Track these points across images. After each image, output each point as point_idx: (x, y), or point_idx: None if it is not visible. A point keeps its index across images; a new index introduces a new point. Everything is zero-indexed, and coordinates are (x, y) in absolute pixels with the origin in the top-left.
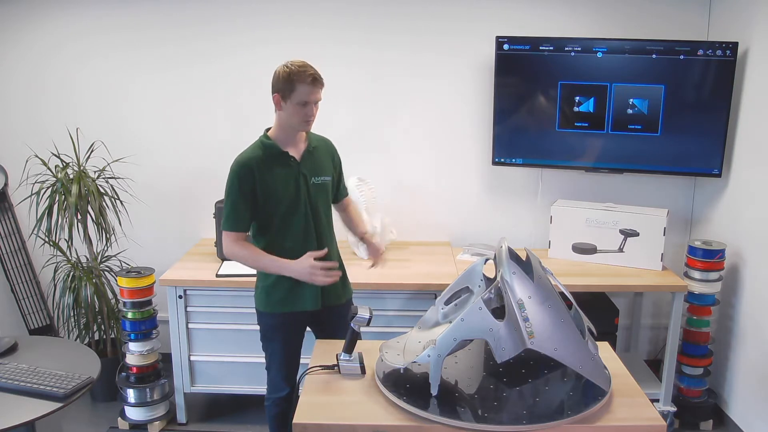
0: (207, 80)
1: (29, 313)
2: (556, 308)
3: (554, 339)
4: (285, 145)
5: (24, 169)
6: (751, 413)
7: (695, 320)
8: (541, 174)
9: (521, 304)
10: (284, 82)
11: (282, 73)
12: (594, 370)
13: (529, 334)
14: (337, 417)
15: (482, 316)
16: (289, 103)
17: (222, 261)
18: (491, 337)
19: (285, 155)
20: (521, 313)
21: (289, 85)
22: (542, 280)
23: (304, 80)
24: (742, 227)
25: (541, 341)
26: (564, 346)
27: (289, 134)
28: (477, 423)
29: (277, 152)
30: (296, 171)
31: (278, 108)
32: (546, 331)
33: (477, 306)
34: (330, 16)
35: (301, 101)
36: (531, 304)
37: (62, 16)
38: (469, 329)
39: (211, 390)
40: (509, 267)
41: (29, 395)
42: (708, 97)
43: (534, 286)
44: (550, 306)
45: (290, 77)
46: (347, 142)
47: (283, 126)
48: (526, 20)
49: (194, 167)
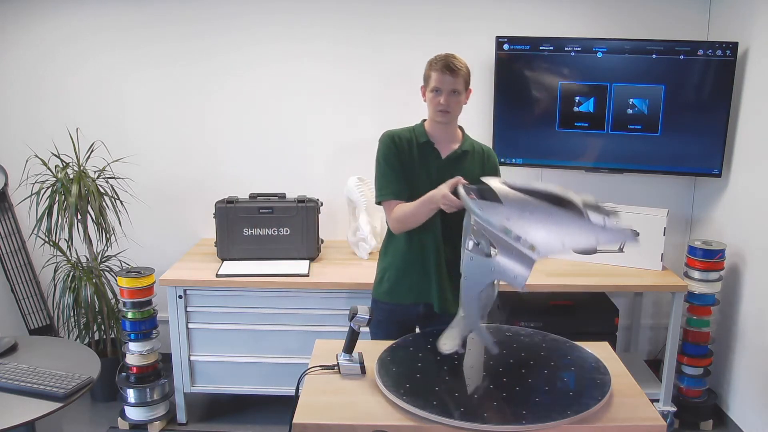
0: (207, 80)
1: (29, 313)
2: (537, 210)
3: (553, 237)
4: (433, 137)
5: (24, 169)
6: (751, 413)
7: (695, 320)
8: (541, 174)
9: (506, 229)
10: (425, 71)
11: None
12: (610, 237)
13: (531, 248)
14: (337, 417)
15: (477, 263)
16: (427, 92)
17: (222, 261)
18: (498, 275)
19: (430, 146)
20: (510, 237)
21: (426, 72)
22: (509, 196)
23: (435, 67)
24: (742, 227)
25: (544, 248)
26: (567, 235)
27: (437, 128)
28: (477, 423)
29: (423, 140)
30: (437, 167)
31: (423, 98)
32: (542, 236)
33: (468, 258)
34: (329, 15)
35: (434, 88)
36: (514, 224)
37: (62, 15)
38: (476, 281)
39: (211, 390)
40: (474, 205)
41: (29, 395)
42: (708, 97)
43: (506, 207)
44: (531, 212)
45: (427, 65)
46: (347, 142)
47: (429, 118)
48: (526, 20)
49: (194, 167)
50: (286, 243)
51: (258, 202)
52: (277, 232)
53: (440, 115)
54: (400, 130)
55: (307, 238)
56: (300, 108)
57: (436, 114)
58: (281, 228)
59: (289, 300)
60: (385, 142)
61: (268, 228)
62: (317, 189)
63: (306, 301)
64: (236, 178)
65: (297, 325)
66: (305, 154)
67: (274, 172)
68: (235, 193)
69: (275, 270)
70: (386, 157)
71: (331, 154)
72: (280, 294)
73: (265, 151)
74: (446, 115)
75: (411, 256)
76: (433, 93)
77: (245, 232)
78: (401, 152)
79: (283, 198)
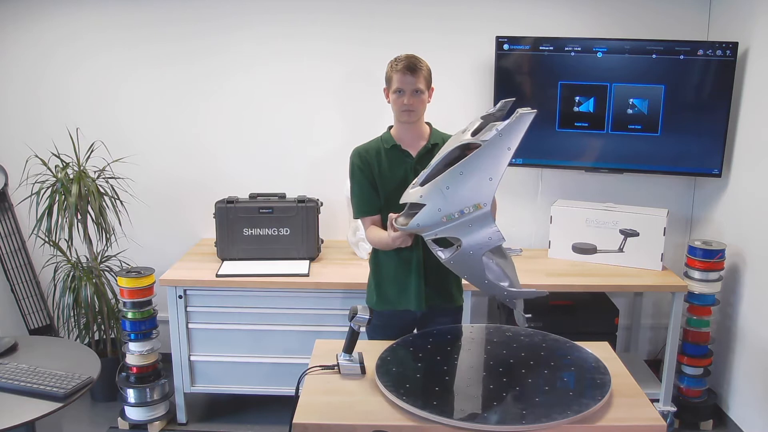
0: (208, 79)
1: (29, 313)
2: (448, 180)
3: (479, 183)
4: (401, 139)
5: (24, 169)
6: (751, 413)
7: (695, 320)
8: (541, 174)
9: (447, 216)
10: (386, 73)
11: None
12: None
13: (477, 208)
14: (337, 417)
15: (459, 260)
16: (390, 93)
17: (222, 261)
18: (479, 250)
19: (398, 149)
20: (456, 219)
21: (388, 74)
22: (423, 192)
23: (397, 68)
24: (742, 227)
25: (483, 195)
26: (486, 171)
27: (403, 129)
28: (477, 423)
29: (390, 145)
30: (410, 166)
31: (387, 100)
32: (471, 191)
33: (450, 263)
34: (330, 15)
35: (396, 89)
36: (447, 207)
37: (62, 15)
38: (474, 271)
39: (211, 390)
40: (411, 225)
41: (29, 395)
42: (708, 97)
43: (428, 203)
44: (447, 187)
45: (388, 67)
46: (347, 142)
47: (394, 119)
48: (526, 20)
49: (194, 167)
50: (286, 243)
51: (258, 202)
52: (277, 232)
53: (405, 115)
54: (368, 143)
55: (307, 238)
56: (300, 108)
57: (401, 114)
58: (281, 228)
59: (289, 300)
60: (352, 161)
61: (268, 228)
62: (317, 189)
63: (306, 301)
64: (236, 178)
65: (297, 325)
66: (305, 154)
67: (274, 172)
68: (235, 193)
69: (275, 270)
70: (354, 175)
71: (331, 154)
72: (280, 294)
73: (265, 150)
74: (411, 114)
75: (396, 265)
76: (396, 94)
77: (245, 232)
78: (370, 166)
79: (283, 198)
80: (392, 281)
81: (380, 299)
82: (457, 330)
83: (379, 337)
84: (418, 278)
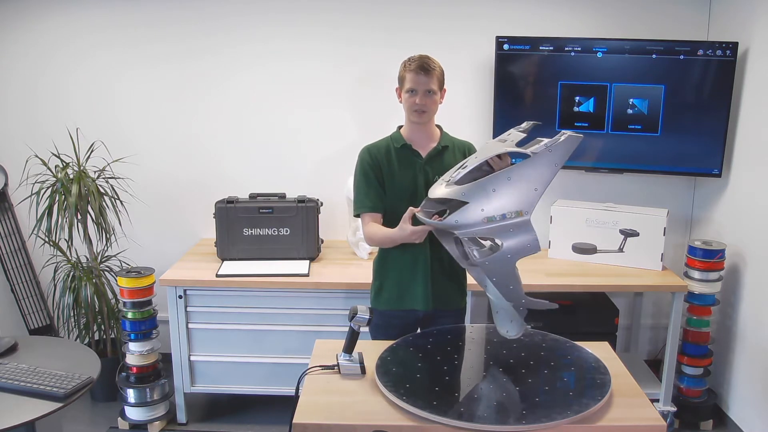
0: (208, 79)
1: (29, 313)
2: (493, 182)
3: (524, 190)
4: (411, 139)
5: (24, 169)
6: (751, 413)
7: (695, 320)
8: None
9: (488, 218)
10: (399, 72)
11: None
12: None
13: (519, 215)
14: (337, 417)
15: (494, 262)
16: (403, 93)
17: (222, 261)
18: (516, 255)
19: (408, 148)
20: (497, 221)
21: (401, 74)
22: (466, 191)
23: (410, 68)
24: (742, 227)
25: (526, 204)
26: (531, 181)
27: (414, 129)
28: (477, 423)
29: (400, 144)
30: (419, 167)
31: (399, 99)
32: (517, 197)
33: (484, 263)
34: (329, 14)
35: (409, 89)
36: (490, 208)
37: (61, 15)
38: (504, 275)
39: (211, 390)
40: (446, 220)
41: (29, 395)
42: (708, 97)
43: (471, 201)
44: (492, 189)
45: (402, 67)
46: (347, 142)
47: (406, 119)
48: (526, 20)
49: (194, 167)
50: (286, 243)
51: (258, 202)
52: (277, 232)
53: (416, 116)
54: (377, 141)
55: (307, 238)
56: (300, 108)
57: (412, 114)
58: (281, 228)
59: (289, 300)
60: (362, 157)
61: (268, 228)
62: (317, 189)
63: (306, 301)
64: (236, 178)
65: (297, 325)
66: (305, 154)
67: (274, 172)
68: (235, 193)
69: (275, 270)
70: (363, 171)
71: (331, 154)
72: (280, 294)
73: (265, 150)
74: (422, 115)
75: (403, 265)
76: (408, 94)
77: (245, 232)
78: (380, 164)
79: (283, 198)
80: (399, 280)
81: (385, 298)
82: (457, 330)
83: (381, 337)
84: (426, 277)
